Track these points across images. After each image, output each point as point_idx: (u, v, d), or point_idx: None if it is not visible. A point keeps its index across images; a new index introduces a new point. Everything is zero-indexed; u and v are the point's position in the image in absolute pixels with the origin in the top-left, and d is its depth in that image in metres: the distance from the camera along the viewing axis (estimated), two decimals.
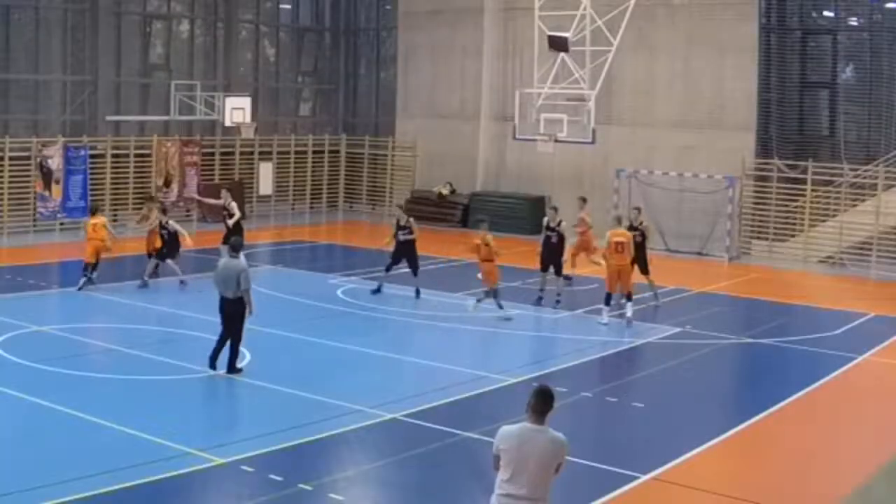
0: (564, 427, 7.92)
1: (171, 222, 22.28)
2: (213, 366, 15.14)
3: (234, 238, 16.27)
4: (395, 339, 18.41)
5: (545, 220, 21.67)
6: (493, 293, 19.84)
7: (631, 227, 21.16)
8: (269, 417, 13.66)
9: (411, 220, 22.22)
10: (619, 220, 20.79)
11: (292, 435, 12.53)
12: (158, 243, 21.96)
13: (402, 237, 21.71)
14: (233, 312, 15.00)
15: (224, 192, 23.93)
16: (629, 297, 19.69)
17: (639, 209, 22.29)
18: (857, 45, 29.54)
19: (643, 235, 21.32)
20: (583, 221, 23.68)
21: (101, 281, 21.68)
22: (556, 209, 22.04)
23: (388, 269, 21.84)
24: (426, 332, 19.17)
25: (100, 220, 21.86)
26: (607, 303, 19.78)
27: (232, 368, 15.13)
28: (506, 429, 7.73)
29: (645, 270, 21.25)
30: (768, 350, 18.25)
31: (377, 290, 21.68)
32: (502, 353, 17.84)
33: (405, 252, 21.68)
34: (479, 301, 20.03)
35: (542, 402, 7.65)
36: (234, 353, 15.14)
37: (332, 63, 38.76)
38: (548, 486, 7.65)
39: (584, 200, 23.85)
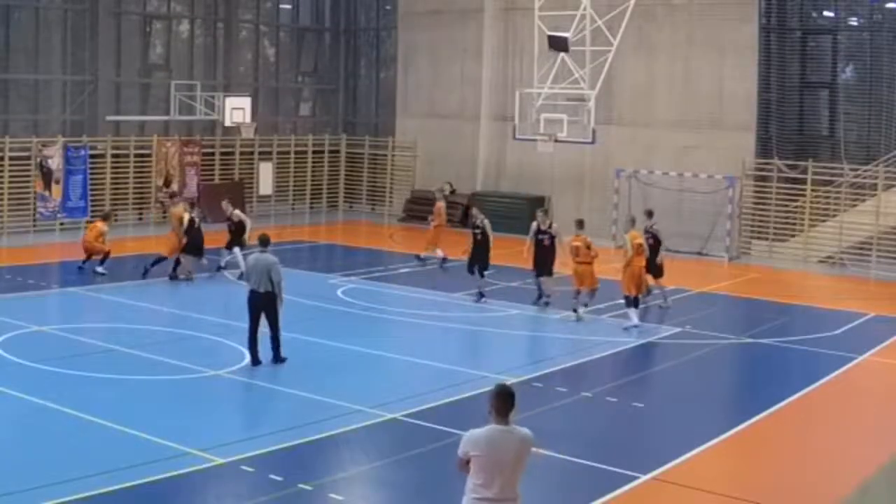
0: (565, 427, 7.92)
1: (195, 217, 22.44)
2: (257, 360, 15.49)
3: (262, 234, 16.41)
4: (394, 338, 18.38)
5: (534, 223, 21.01)
6: (591, 296, 19.64)
7: (644, 231, 21.06)
8: (269, 417, 13.69)
9: (486, 221, 21.99)
10: (633, 222, 20.55)
11: (292, 435, 12.52)
12: (181, 241, 22.19)
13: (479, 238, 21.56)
14: (268, 305, 15.50)
15: (225, 204, 23.69)
16: (637, 302, 19.59)
17: (650, 212, 22.06)
18: (857, 45, 29.53)
19: (655, 238, 21.19)
20: (440, 212, 25.94)
21: (101, 280, 21.74)
22: (546, 211, 21.96)
23: (482, 275, 21.56)
24: (426, 332, 19.15)
25: (100, 226, 23.08)
26: (631, 305, 19.50)
27: (278, 358, 15.58)
28: (474, 433, 7.66)
29: (658, 274, 21.18)
30: (768, 350, 18.24)
31: (480, 297, 21.29)
32: (502, 353, 17.82)
33: (480, 253, 21.57)
34: (579, 308, 19.71)
35: (503, 401, 7.67)
36: (277, 344, 15.63)
37: (332, 63, 38.75)
38: (518, 484, 7.65)
39: (442, 192, 27.10)
